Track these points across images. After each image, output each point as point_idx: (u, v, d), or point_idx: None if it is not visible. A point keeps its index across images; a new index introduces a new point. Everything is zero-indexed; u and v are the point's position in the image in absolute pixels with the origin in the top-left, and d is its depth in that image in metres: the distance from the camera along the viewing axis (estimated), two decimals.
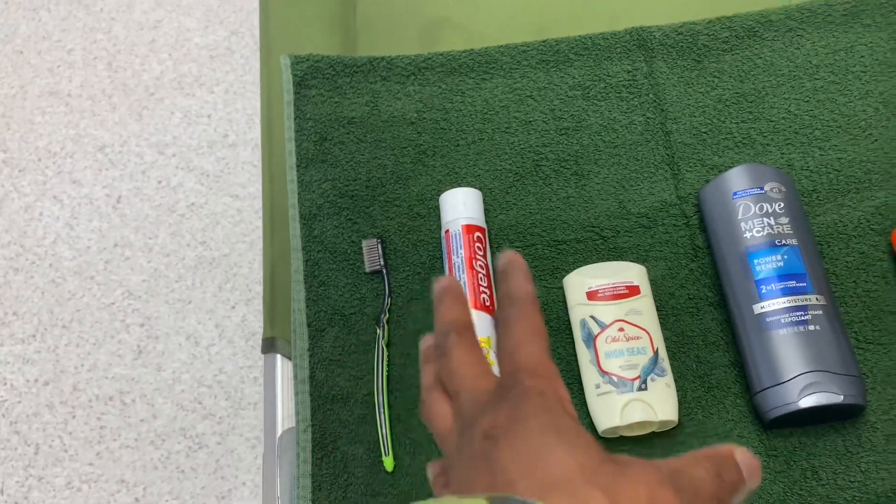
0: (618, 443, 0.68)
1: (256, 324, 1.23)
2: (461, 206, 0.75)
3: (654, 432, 0.68)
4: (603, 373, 0.68)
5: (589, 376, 0.68)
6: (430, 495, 0.62)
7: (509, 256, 0.44)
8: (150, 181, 1.35)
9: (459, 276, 0.72)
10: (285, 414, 0.73)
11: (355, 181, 0.79)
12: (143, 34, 1.46)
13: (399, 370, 0.72)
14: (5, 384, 1.23)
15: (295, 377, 0.72)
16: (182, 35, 1.46)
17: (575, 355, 0.70)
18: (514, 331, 0.41)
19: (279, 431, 0.72)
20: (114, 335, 1.25)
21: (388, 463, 0.69)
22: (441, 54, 0.84)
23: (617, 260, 0.74)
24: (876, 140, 0.76)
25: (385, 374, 0.72)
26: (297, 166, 0.79)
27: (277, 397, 0.74)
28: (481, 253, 0.74)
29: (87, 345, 1.25)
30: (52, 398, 1.22)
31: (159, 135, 1.38)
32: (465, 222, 0.74)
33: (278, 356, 0.75)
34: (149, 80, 1.42)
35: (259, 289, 1.27)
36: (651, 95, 0.80)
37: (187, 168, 1.35)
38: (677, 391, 0.68)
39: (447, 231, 0.74)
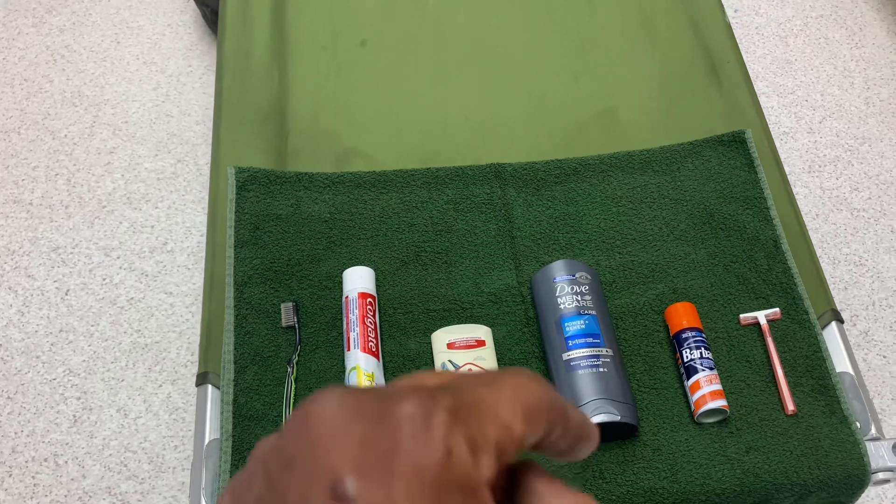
0: None
1: (180, 400, 1.41)
2: (358, 279, 0.98)
3: None
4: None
5: None
6: None
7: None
8: (95, 278, 1.54)
9: (353, 329, 0.95)
10: (211, 429, 0.92)
11: (279, 260, 1.02)
12: (101, 157, 1.69)
13: (302, 398, 0.93)
14: None
15: (222, 401, 0.92)
16: (134, 160, 1.69)
17: None
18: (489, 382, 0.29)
19: (206, 441, 0.91)
20: (53, 406, 1.40)
21: None
22: (351, 173, 1.10)
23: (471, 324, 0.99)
24: (658, 249, 1.04)
25: (292, 400, 0.93)
26: (234, 246, 1.02)
27: (206, 417, 0.93)
28: (371, 313, 0.97)
29: (28, 413, 1.40)
30: None
31: (107, 240, 1.58)
32: (360, 290, 0.97)
33: (209, 386, 0.95)
34: (102, 195, 1.64)
35: (184, 371, 1.45)
36: (503, 211, 1.07)
37: (129, 268, 1.55)
38: None
39: (347, 297, 0.98)
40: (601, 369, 0.89)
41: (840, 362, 0.95)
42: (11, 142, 1.71)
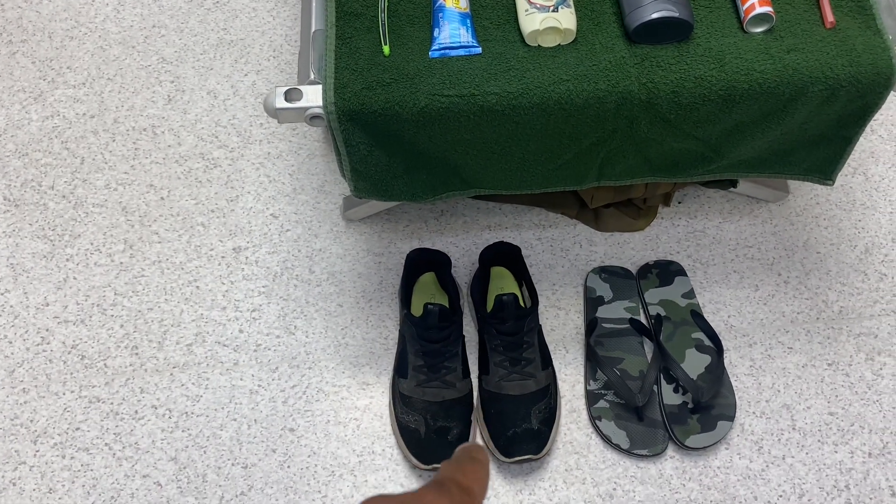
0: (538, 51, 1.02)
1: (264, 87, 1.54)
2: None
3: (560, 45, 1.02)
4: (530, 3, 1.02)
5: (521, 6, 1.02)
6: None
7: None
8: None
9: None
10: (316, 22, 1.05)
11: None
12: None
13: (394, 6, 1.05)
14: (59, 115, 1.51)
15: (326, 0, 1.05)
16: None
17: (515, 6, 1.04)
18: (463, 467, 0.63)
19: (313, 30, 1.04)
20: (149, 87, 1.54)
21: (386, 50, 1.01)
22: None
23: None
24: None
25: (386, 6, 1.05)
26: None
27: (312, 12, 1.06)
28: None
29: (127, 92, 1.54)
30: (97, 127, 1.50)
31: None
32: None
33: None
34: None
35: (267, 64, 1.57)
36: None
37: None
38: (579, 21, 1.03)
39: None
40: None
41: None
42: None
